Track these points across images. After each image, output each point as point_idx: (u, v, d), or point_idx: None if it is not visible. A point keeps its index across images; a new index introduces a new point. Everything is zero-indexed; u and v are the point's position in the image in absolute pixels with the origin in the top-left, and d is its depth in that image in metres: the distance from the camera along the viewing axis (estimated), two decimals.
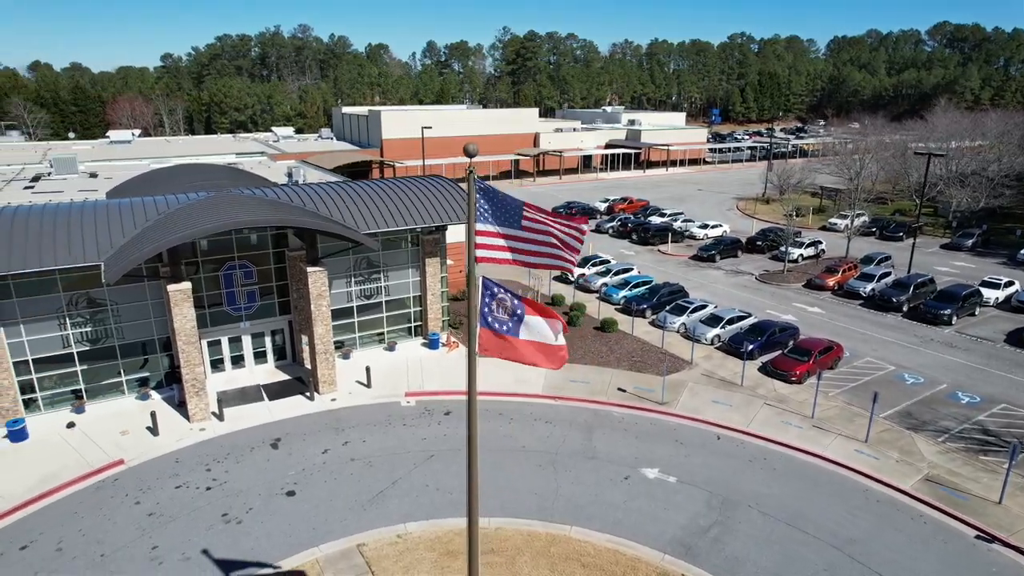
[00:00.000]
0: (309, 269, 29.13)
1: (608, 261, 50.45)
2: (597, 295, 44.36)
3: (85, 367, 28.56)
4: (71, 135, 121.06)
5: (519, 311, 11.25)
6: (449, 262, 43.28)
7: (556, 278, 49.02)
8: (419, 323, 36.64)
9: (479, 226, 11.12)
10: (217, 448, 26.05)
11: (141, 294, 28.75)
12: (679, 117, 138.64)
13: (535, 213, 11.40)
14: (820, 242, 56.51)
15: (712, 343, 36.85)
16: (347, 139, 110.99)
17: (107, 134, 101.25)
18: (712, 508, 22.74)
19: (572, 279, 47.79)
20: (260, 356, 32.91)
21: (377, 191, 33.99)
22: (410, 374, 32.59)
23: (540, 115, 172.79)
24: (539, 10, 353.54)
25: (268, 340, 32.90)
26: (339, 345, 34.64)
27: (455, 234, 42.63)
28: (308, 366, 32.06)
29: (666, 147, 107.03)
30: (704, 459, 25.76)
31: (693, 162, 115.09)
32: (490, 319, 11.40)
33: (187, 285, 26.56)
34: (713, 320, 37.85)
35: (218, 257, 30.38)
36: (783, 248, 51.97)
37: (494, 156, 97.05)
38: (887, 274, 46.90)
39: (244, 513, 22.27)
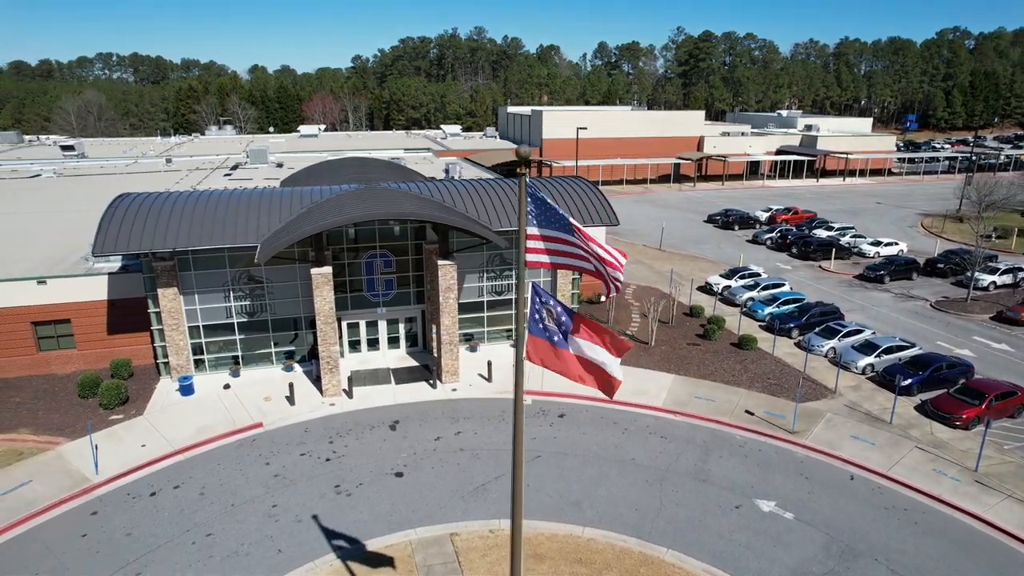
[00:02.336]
0: (440, 262, 30.31)
1: (758, 274, 47.31)
2: (741, 309, 41.74)
3: (243, 336, 32.00)
4: (271, 129, 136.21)
5: (567, 326, 10.85)
6: None
7: (700, 288, 46.86)
8: None
9: (529, 230, 10.88)
10: (342, 423, 28.00)
11: (293, 275, 31.59)
12: (864, 123, 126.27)
13: (580, 233, 11.00)
14: (1022, 269, 48.81)
15: (863, 372, 33.22)
16: (510, 138, 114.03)
17: (298, 129, 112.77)
18: (830, 555, 20.51)
19: (717, 292, 45.42)
20: (394, 341, 34.83)
21: (514, 189, 34.52)
22: (533, 372, 32.72)
23: (710, 118, 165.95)
24: (716, 10, 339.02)
25: (402, 327, 34.73)
26: (468, 338, 35.76)
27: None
28: (436, 355, 33.40)
29: (844, 155, 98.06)
30: (830, 499, 23.31)
31: (876, 172, 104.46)
32: (541, 327, 11.10)
33: (328, 269, 28.78)
34: (867, 347, 34.10)
35: (362, 245, 32.58)
36: (970, 273, 45.53)
37: (654, 159, 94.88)
38: None
39: (355, 487, 23.73)
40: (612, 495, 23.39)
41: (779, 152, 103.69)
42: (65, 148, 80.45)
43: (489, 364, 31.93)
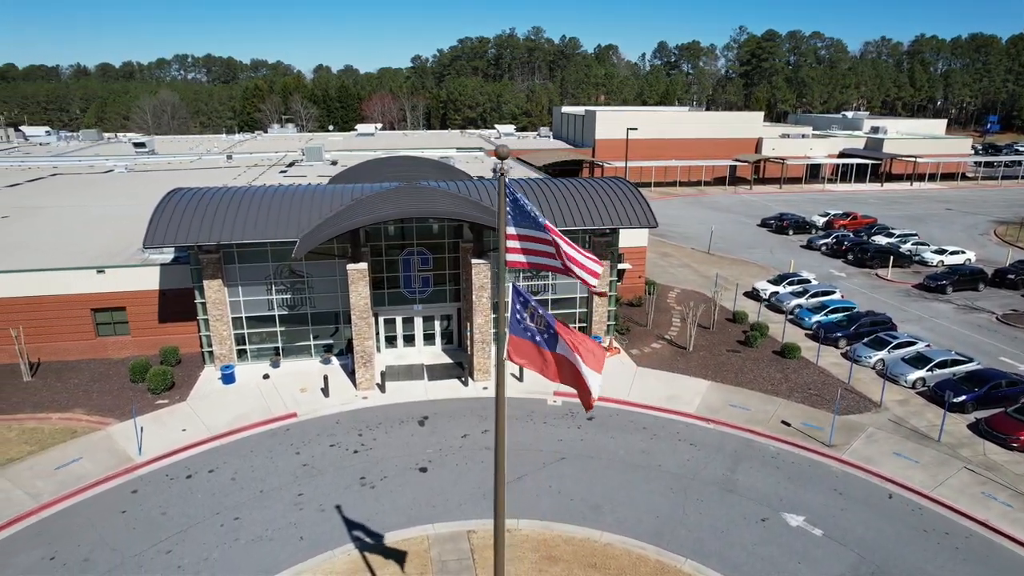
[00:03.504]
0: (473, 261, 30.51)
1: (808, 281, 45.70)
2: (787, 316, 40.43)
3: (284, 328, 33.00)
4: (330, 128, 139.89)
5: (552, 327, 10.76)
6: (627, 266, 42.59)
7: (746, 293, 45.66)
8: (583, 324, 36.51)
9: (510, 230, 10.82)
10: (372, 416, 28.53)
11: (332, 271, 32.36)
12: (938, 124, 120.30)
13: (551, 232, 10.90)
14: None
15: (913, 387, 31.70)
16: (564, 138, 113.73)
17: (355, 127, 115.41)
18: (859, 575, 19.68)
19: (764, 298, 44.18)
20: (429, 338, 35.26)
21: (554, 190, 34.43)
22: None
23: (772, 120, 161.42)
24: (781, 9, 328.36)
25: (437, 324, 35.12)
26: None
27: (636, 238, 41.77)
28: (469, 353, 33.62)
29: (912, 158, 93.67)
30: (864, 517, 22.35)
31: (948, 176, 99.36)
32: (522, 327, 11.04)
33: (363, 265, 29.37)
34: (919, 360, 32.51)
35: (400, 242, 33.11)
36: None
37: (708, 161, 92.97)
38: None
39: (379, 480, 24.15)
40: (634, 501, 23.07)
41: (842, 155, 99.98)
42: (137, 145, 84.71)
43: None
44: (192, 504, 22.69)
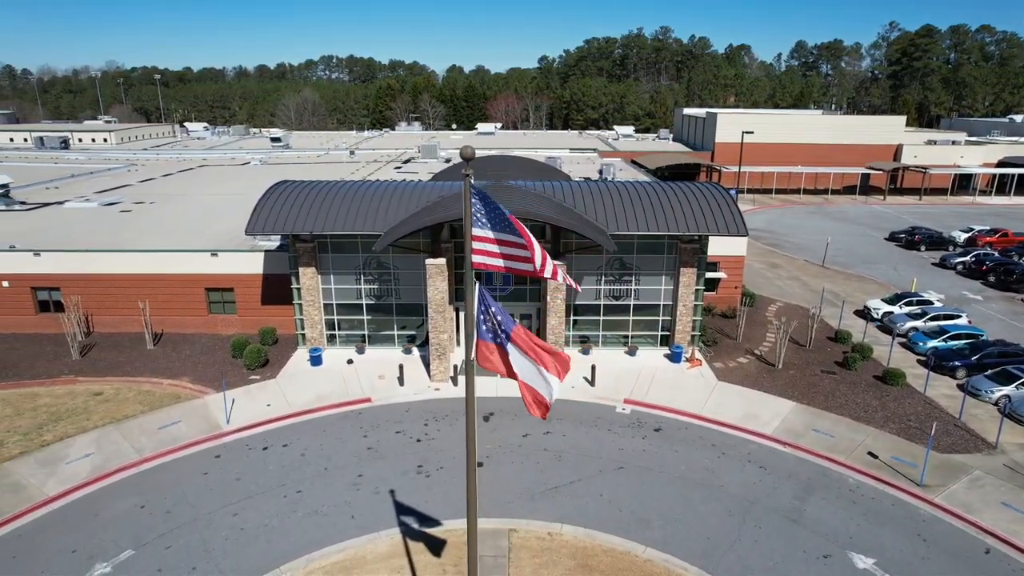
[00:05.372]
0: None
1: (929, 302, 41.51)
2: (894, 337, 37.00)
3: (370, 317, 34.67)
4: (453, 126, 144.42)
5: (507, 335, 10.56)
6: (722, 275, 40.85)
7: (857, 312, 42.28)
8: (666, 333, 35.43)
9: (476, 232, 10.70)
10: (440, 407, 29.34)
11: (417, 264, 33.54)
12: None
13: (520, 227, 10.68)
14: None
15: None
16: (684, 141, 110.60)
17: (476, 126, 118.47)
18: None
19: (875, 318, 40.72)
20: None
21: (643, 193, 33.65)
22: (639, 382, 31.88)
23: (923, 124, 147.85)
24: (940, 4, 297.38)
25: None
26: (583, 340, 35.60)
27: (733, 246, 39.96)
28: None
29: None
30: (948, 569, 20.08)
31: None
32: (484, 329, 10.92)
33: (441, 261, 30.22)
34: None
35: None
36: None
37: (838, 168, 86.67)
38: None
39: (435, 470, 24.84)
40: (686, 519, 22.15)
41: (1000, 164, 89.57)
42: (273, 140, 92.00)
43: (593, 368, 31.56)
44: (263, 474, 24.49)
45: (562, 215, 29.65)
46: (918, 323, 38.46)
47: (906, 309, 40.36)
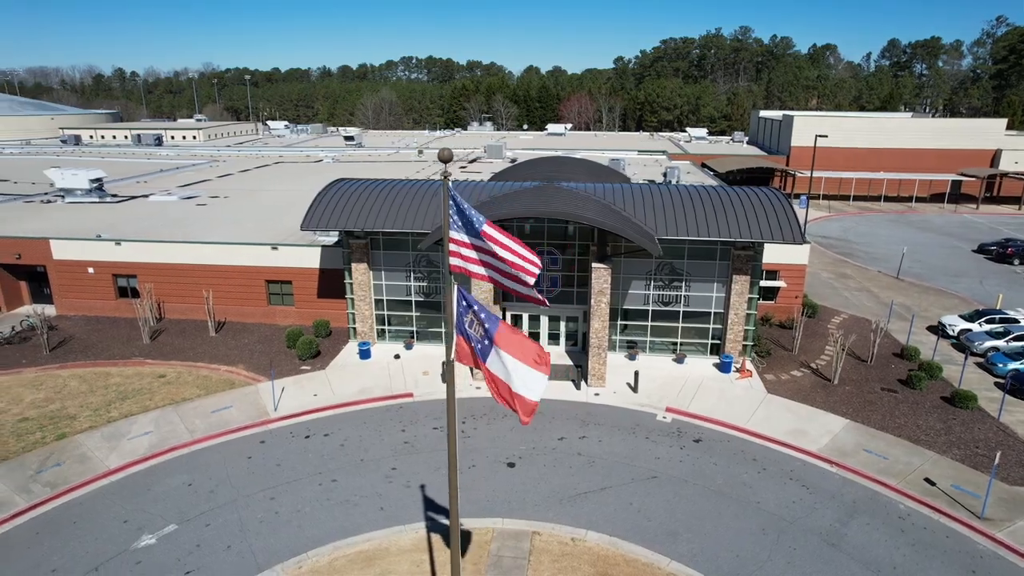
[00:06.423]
0: (594, 265, 30.19)
1: (1015, 321, 38.52)
2: (967, 355, 34.53)
3: (419, 314, 35.30)
4: (524, 127, 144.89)
5: (490, 335, 10.44)
6: (781, 284, 39.38)
7: (930, 328, 39.76)
8: (717, 341, 34.40)
9: (453, 235, 10.62)
10: (480, 406, 29.54)
11: None
12: None
13: (495, 231, 10.47)
14: None
15: None
16: (759, 144, 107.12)
17: (546, 127, 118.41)
18: None
19: (951, 334, 38.18)
20: (554, 338, 35.51)
21: (697, 197, 32.79)
22: (684, 390, 31.10)
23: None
24: None
25: (563, 325, 35.24)
26: (631, 345, 35.07)
27: (795, 254, 38.42)
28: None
29: None
30: None
31: None
32: (465, 327, 10.84)
33: None
34: None
35: (531, 240, 33.69)
36: None
37: (922, 174, 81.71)
38: None
39: (467, 468, 25.04)
40: (716, 534, 21.45)
41: None
42: (347, 138, 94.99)
43: (636, 374, 31.01)
44: (303, 461, 25.38)
45: (607, 218, 29.27)
46: (999, 342, 35.77)
47: (987, 327, 37.63)
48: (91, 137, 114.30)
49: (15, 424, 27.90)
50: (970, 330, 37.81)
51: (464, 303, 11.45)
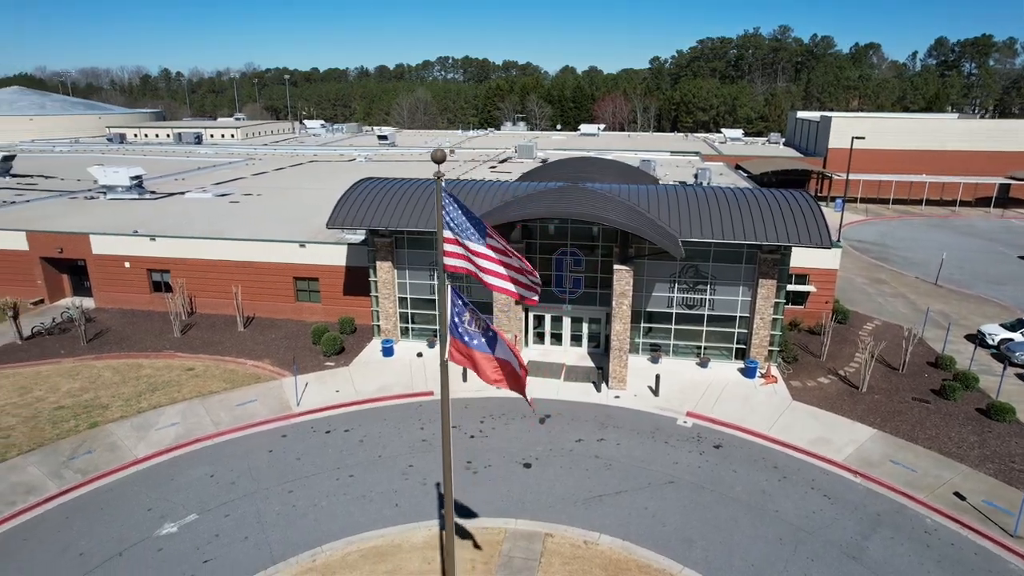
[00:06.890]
0: (616, 266, 29.96)
1: None
2: (1019, 370, 33.29)
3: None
4: (557, 127, 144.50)
5: (491, 329, 10.40)
6: (811, 288, 38.59)
7: (969, 336, 38.46)
8: (742, 346, 33.83)
9: (447, 234, 10.58)
10: (499, 406, 29.56)
11: None
12: None
13: (497, 238, 10.42)
14: None
15: None
16: (795, 145, 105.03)
17: (579, 127, 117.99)
18: None
19: (990, 344, 36.88)
20: (576, 339, 35.35)
21: (724, 199, 32.30)
22: (706, 395, 30.67)
23: None
24: None
25: (585, 326, 35.06)
26: (654, 348, 34.73)
27: (825, 259, 37.57)
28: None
29: None
30: None
31: None
32: (459, 330, 10.81)
33: None
34: None
35: (555, 241, 33.63)
36: None
37: (967, 177, 79.09)
38: None
39: (483, 467, 25.09)
40: (732, 542, 21.09)
41: None
42: (380, 138, 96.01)
43: (657, 377, 30.69)
44: (322, 456, 25.74)
45: (629, 219, 29.02)
46: None
47: None
48: (135, 136, 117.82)
49: (51, 412, 28.90)
50: (1011, 339, 36.46)
51: (460, 303, 11.49)
